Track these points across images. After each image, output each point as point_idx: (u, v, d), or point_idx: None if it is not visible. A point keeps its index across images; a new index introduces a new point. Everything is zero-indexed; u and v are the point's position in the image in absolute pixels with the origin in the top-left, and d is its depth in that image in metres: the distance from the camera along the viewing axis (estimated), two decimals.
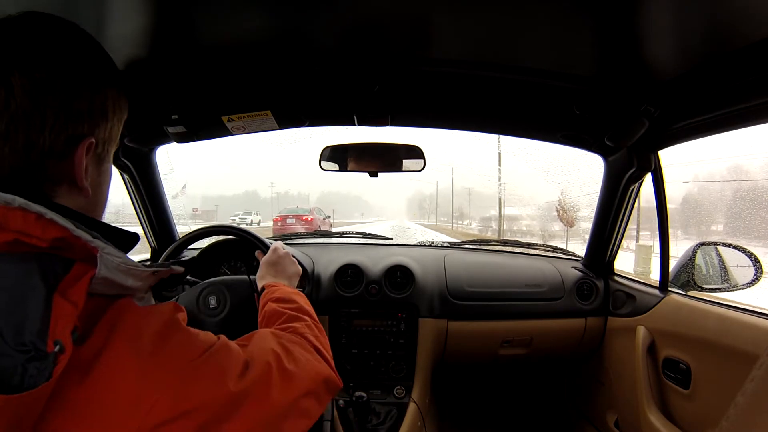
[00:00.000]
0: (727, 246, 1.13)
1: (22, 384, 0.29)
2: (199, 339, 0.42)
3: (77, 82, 0.41)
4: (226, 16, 0.71)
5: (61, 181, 0.41)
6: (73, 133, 0.41)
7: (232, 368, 0.42)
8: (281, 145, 1.99)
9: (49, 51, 0.40)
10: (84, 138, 0.41)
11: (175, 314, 0.42)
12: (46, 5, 0.65)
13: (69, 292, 0.34)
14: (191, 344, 0.41)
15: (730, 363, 0.89)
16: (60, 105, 0.39)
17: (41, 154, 0.39)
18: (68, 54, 0.41)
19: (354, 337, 1.32)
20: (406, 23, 0.74)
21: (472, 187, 43.08)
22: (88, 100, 0.41)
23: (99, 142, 0.44)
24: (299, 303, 0.72)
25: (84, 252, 0.36)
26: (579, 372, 1.55)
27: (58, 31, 0.42)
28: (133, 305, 0.40)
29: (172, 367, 0.38)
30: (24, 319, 0.31)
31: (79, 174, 0.41)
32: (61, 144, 0.40)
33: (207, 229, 1.16)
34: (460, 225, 36.77)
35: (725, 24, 0.67)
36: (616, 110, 1.00)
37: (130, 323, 0.38)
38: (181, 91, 1.01)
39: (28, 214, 0.35)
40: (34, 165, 0.39)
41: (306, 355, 0.56)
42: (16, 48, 0.38)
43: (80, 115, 0.41)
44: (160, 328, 0.39)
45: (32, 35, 0.40)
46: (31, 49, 0.39)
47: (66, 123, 0.40)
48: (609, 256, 1.39)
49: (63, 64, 0.40)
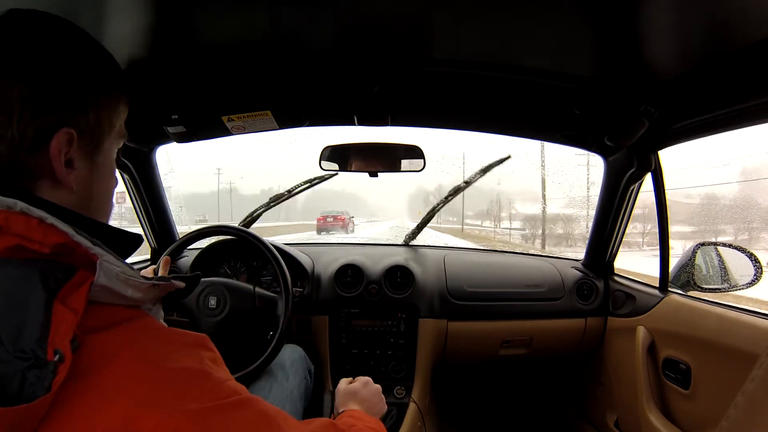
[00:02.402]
0: (727, 246, 1.13)
1: (21, 393, 0.29)
2: (224, 386, 0.38)
3: (45, 71, 0.38)
4: (226, 16, 0.71)
5: (40, 176, 0.39)
6: (44, 123, 0.38)
7: (259, 423, 0.38)
8: (281, 145, 1.98)
9: (12, 40, 0.38)
10: (59, 128, 0.39)
11: (200, 350, 0.39)
12: (46, 6, 0.65)
13: (69, 299, 0.33)
14: (211, 388, 0.37)
15: (730, 363, 0.89)
16: (25, 94, 0.37)
17: (10, 146, 0.37)
18: (34, 42, 0.39)
19: (354, 337, 1.32)
20: (406, 23, 0.74)
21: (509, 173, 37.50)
22: (59, 88, 0.39)
23: (84, 133, 0.41)
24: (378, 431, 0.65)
25: (85, 259, 0.36)
26: (579, 372, 1.55)
27: (26, 22, 0.40)
28: (153, 323, 0.39)
29: (183, 402, 0.34)
30: (23, 326, 0.31)
31: (58, 167, 0.39)
32: (31, 135, 0.38)
33: (207, 229, 1.16)
34: (479, 227, 30.79)
35: (725, 24, 0.67)
36: (616, 110, 1.00)
37: (148, 344, 0.36)
38: (181, 91, 1.01)
39: (30, 219, 0.35)
40: (4, 158, 0.38)
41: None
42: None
43: (51, 104, 0.38)
44: (180, 359, 0.36)
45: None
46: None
47: (34, 113, 0.38)
48: (609, 256, 1.39)
49: (28, 52, 0.38)
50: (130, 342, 0.36)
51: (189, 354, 0.38)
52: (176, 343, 0.38)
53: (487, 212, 35.23)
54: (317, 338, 1.32)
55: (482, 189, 39.41)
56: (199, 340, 0.40)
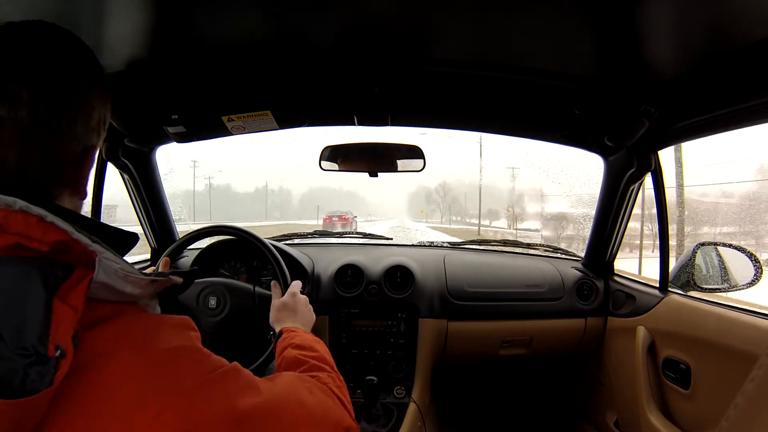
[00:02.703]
0: (727, 246, 1.13)
1: (23, 388, 0.29)
2: (211, 359, 0.41)
3: (90, 93, 0.43)
4: (226, 16, 0.71)
5: (67, 185, 0.43)
6: (90, 143, 0.44)
7: (243, 389, 0.41)
8: (281, 144, 1.98)
9: (58, 63, 0.42)
10: (95, 148, 0.45)
11: (187, 330, 0.42)
12: (47, 6, 0.65)
13: (69, 296, 0.34)
14: (202, 362, 0.40)
15: (730, 363, 0.89)
16: (79, 116, 0.42)
17: (63, 160, 0.42)
18: (77, 67, 0.43)
19: (354, 337, 1.32)
20: (406, 23, 0.75)
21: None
22: (99, 113, 0.44)
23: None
24: (320, 352, 0.71)
25: (83, 256, 0.36)
26: (579, 372, 1.55)
27: (63, 43, 0.43)
28: (144, 314, 0.40)
29: (180, 380, 0.37)
30: (24, 323, 0.31)
31: (85, 181, 0.45)
32: (80, 152, 0.43)
33: (207, 229, 1.16)
34: (495, 228, 27.02)
35: (725, 24, 0.67)
36: (616, 110, 1.00)
37: (139, 331, 0.37)
38: (181, 91, 1.01)
39: (30, 217, 0.35)
40: (52, 169, 0.41)
41: (329, 402, 0.55)
42: (28, 58, 0.40)
43: (95, 127, 0.44)
44: (172, 340, 0.39)
45: (39, 46, 0.41)
46: (39, 60, 0.40)
47: (87, 133, 0.43)
48: (609, 256, 1.39)
49: (74, 75, 0.42)
50: (125, 333, 0.37)
51: (179, 334, 0.40)
52: (166, 325, 0.40)
53: (504, 211, 31.80)
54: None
55: (495, 188, 38.22)
56: (185, 321, 0.43)
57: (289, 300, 0.90)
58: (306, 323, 0.87)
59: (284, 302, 0.89)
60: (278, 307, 0.89)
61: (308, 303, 0.92)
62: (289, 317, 0.86)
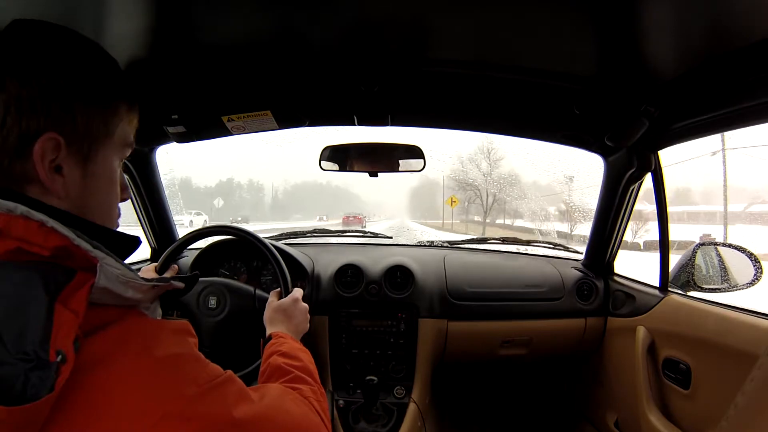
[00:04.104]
0: (727, 246, 1.13)
1: (24, 393, 0.29)
2: (209, 368, 0.42)
3: (27, 77, 0.38)
4: (226, 16, 0.71)
5: (28, 181, 0.39)
6: (27, 128, 0.38)
7: (238, 398, 0.43)
8: (281, 144, 1.98)
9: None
10: (41, 133, 0.39)
11: (187, 336, 0.42)
12: (46, 6, 0.65)
13: (70, 301, 0.34)
14: (202, 370, 0.40)
15: (730, 363, 0.89)
16: (8, 100, 0.38)
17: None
18: (18, 50, 0.39)
19: (354, 337, 1.32)
20: (406, 23, 0.74)
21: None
22: (41, 94, 0.39)
23: (73, 140, 0.40)
24: (305, 362, 0.72)
25: (84, 261, 0.36)
26: (579, 372, 1.55)
27: (12, 30, 0.41)
28: (144, 318, 0.40)
29: (181, 388, 0.37)
30: (25, 328, 0.31)
31: (41, 172, 0.39)
32: (14, 139, 0.38)
33: (207, 229, 1.16)
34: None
35: (725, 24, 0.67)
36: (616, 110, 1.00)
37: (140, 337, 0.37)
38: (181, 91, 1.01)
39: (30, 222, 0.35)
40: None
41: (311, 415, 0.57)
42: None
43: (33, 110, 0.38)
44: (172, 346, 0.39)
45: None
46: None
47: (17, 118, 0.38)
48: (609, 256, 1.39)
49: (11, 60, 0.39)
50: (125, 338, 0.37)
51: (178, 341, 0.40)
52: (165, 331, 0.40)
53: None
54: (317, 338, 1.32)
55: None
56: (184, 327, 0.42)
57: (290, 305, 0.90)
58: (298, 332, 0.87)
59: (284, 306, 0.89)
60: (275, 308, 0.88)
61: (307, 313, 0.92)
62: (283, 321, 0.86)
